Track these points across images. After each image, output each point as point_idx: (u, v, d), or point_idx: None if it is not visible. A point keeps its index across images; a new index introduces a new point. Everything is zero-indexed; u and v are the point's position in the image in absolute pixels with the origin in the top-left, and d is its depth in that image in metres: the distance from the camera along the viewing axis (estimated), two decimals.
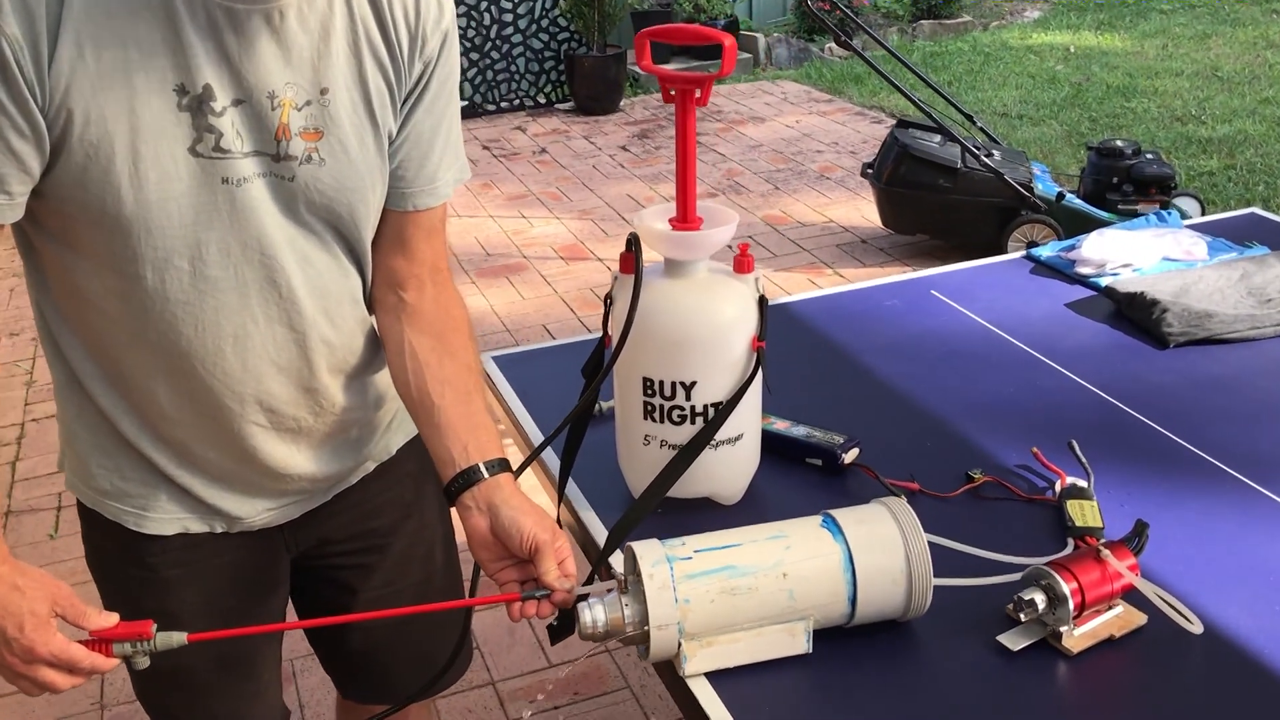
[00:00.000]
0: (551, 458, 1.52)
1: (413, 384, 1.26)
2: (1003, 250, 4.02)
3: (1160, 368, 1.71)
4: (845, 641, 1.18)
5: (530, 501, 1.19)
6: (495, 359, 1.82)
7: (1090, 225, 3.83)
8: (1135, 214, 3.94)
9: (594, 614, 1.13)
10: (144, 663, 1.09)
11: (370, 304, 1.29)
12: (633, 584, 1.15)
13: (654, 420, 1.35)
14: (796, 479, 1.47)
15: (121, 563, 1.31)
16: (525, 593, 1.15)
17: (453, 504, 1.21)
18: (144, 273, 1.10)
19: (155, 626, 1.07)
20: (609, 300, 1.36)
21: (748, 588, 1.13)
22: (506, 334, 3.95)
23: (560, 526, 1.41)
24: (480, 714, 2.30)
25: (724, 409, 1.33)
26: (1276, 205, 4.66)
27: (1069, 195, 4.14)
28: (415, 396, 1.26)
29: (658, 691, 2.26)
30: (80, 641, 1.05)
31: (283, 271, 1.16)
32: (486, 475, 1.19)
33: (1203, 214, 4.12)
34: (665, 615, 1.11)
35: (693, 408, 1.33)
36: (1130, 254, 2.02)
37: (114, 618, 1.07)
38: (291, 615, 1.48)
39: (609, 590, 1.16)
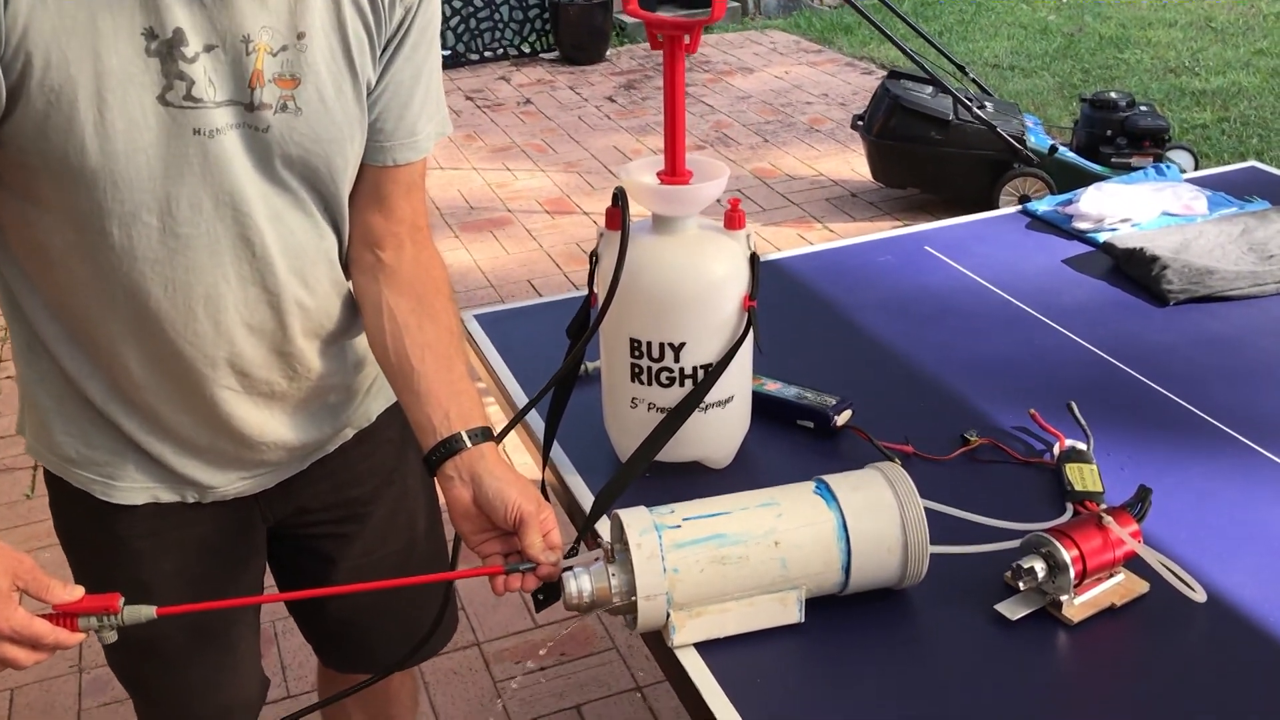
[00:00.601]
0: (536, 420, 1.48)
1: (391, 348, 1.21)
2: (994, 204, 3.97)
3: (1159, 326, 1.67)
4: (838, 611, 1.15)
5: (515, 471, 1.14)
6: (477, 317, 1.77)
7: (1083, 178, 3.78)
8: (1129, 167, 3.89)
9: (579, 584, 1.09)
10: (111, 637, 1.04)
11: (346, 265, 1.23)
12: (619, 553, 1.11)
13: (641, 383, 1.31)
14: (788, 442, 1.43)
15: (90, 532, 1.27)
16: (509, 565, 1.11)
17: (433, 474, 1.16)
18: (110, 229, 1.05)
19: (123, 600, 1.03)
20: (594, 258, 1.31)
21: (738, 557, 1.09)
22: (490, 289, 3.89)
23: (545, 492, 1.37)
24: (466, 675, 2.27)
25: (714, 371, 1.28)
26: (1270, 158, 4.61)
27: (1062, 148, 4.08)
28: (394, 361, 1.21)
29: (644, 653, 2.24)
30: (44, 616, 1.01)
31: (256, 229, 1.10)
32: (469, 444, 1.15)
33: (1196, 167, 4.07)
34: (653, 585, 1.07)
35: (681, 369, 1.29)
36: (1129, 209, 1.97)
37: (79, 591, 1.03)
38: (269, 583, 1.44)
39: (595, 560, 1.12)
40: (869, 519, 1.12)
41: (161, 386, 1.16)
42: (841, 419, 1.44)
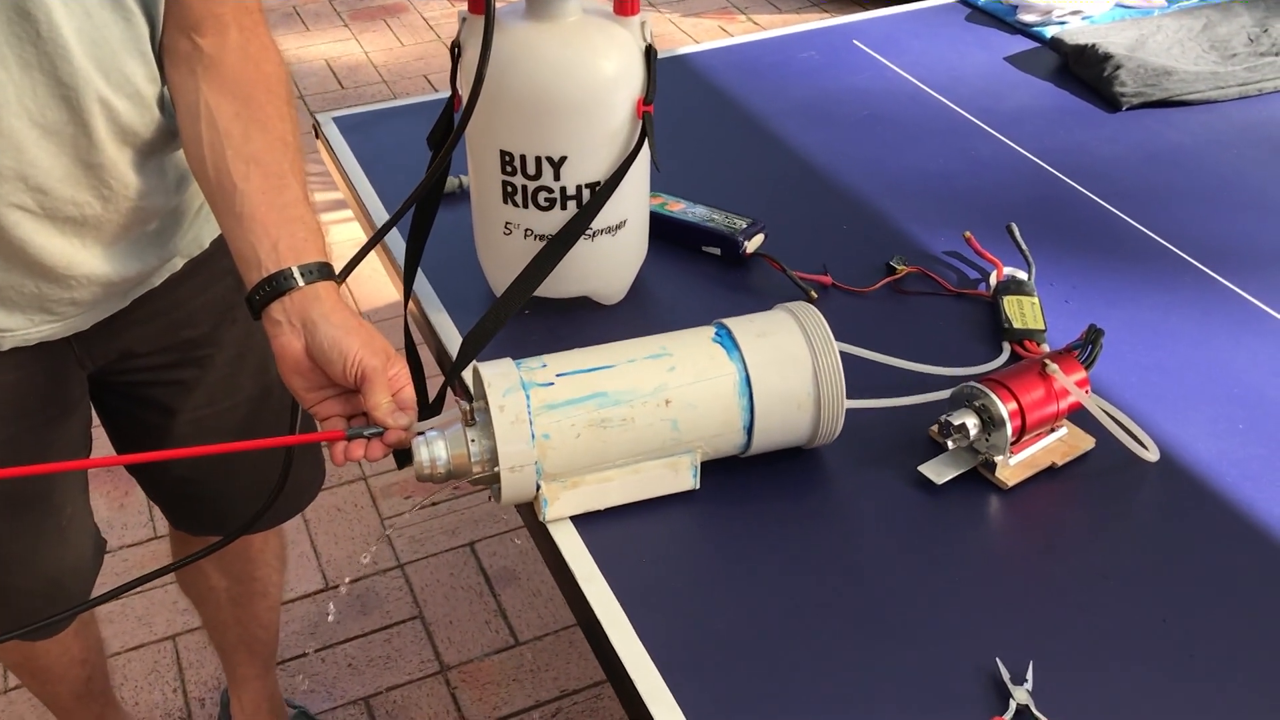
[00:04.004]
0: (399, 244, 1.27)
1: (209, 160, 0.98)
2: None
3: (1110, 135, 1.49)
4: (739, 475, 0.99)
5: (357, 318, 0.94)
6: (336, 120, 1.53)
7: None
8: None
9: (432, 451, 0.92)
10: None
11: (160, 56, 0.99)
12: (480, 413, 0.93)
13: (516, 204, 1.10)
14: (691, 271, 1.24)
15: None
16: (351, 430, 0.92)
17: (257, 316, 0.96)
18: None
19: None
20: (456, 49, 1.08)
21: (622, 419, 0.92)
22: (383, 85, 3.56)
23: (409, 332, 1.18)
24: (350, 513, 2.12)
25: (602, 191, 1.08)
26: None
27: None
28: (212, 176, 0.98)
29: None
30: None
31: (39, 2, 0.85)
32: (301, 282, 0.93)
33: None
34: (519, 455, 0.90)
35: (563, 189, 1.08)
36: None
37: None
38: (102, 441, 1.25)
39: (454, 422, 0.94)
40: (776, 371, 0.94)
41: None
42: (752, 245, 1.25)
